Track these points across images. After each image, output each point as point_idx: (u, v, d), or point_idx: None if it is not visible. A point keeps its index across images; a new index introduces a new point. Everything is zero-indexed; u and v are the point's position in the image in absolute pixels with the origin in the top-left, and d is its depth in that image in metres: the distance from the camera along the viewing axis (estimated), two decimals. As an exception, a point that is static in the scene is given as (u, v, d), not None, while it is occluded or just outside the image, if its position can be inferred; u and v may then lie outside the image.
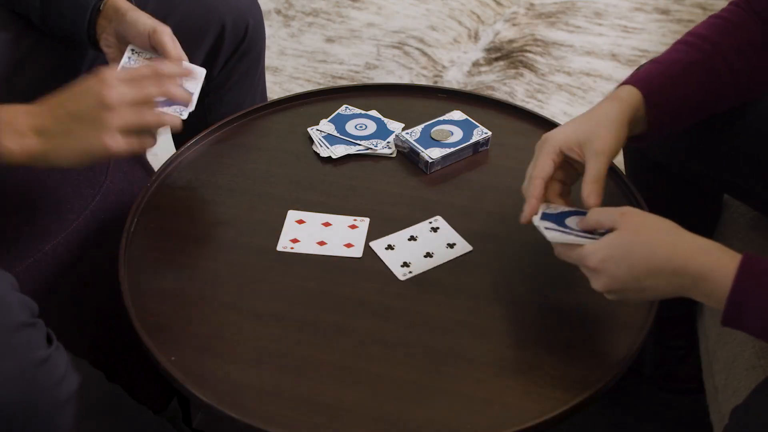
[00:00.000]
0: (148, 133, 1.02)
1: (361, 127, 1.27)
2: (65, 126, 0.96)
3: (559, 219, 0.97)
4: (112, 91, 0.96)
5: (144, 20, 1.11)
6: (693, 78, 1.05)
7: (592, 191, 0.96)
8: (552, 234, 0.94)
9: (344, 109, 1.31)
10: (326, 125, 1.28)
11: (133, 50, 1.12)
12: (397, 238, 1.10)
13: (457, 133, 1.24)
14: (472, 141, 1.23)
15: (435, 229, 1.12)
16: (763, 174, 1.16)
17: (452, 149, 1.22)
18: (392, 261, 1.07)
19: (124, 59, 1.12)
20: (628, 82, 1.04)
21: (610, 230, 0.91)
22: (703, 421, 1.27)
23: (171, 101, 1.06)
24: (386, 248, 1.09)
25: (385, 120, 1.29)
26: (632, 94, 1.02)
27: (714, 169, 1.20)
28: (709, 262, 0.84)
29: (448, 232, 1.12)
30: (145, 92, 0.99)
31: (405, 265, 1.07)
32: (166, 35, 1.09)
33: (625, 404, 1.52)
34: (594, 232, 0.93)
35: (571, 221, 0.96)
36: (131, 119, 0.98)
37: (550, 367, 0.96)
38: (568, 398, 0.92)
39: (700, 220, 1.33)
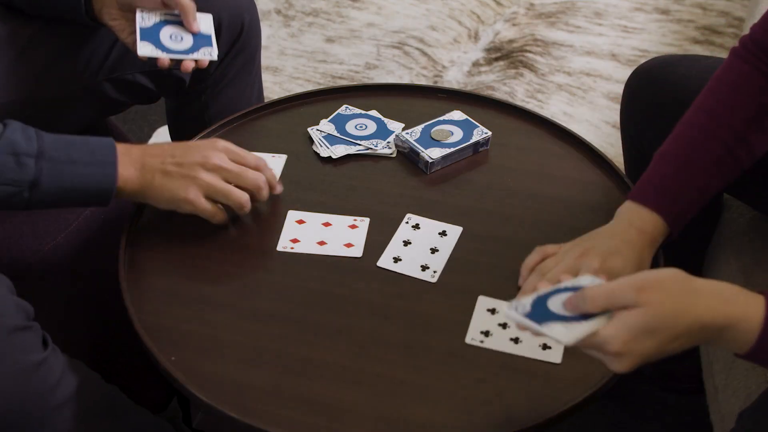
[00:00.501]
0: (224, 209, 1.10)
1: (361, 127, 1.27)
2: (165, 168, 1.05)
3: (540, 310, 0.82)
4: (216, 156, 1.07)
5: None
6: (713, 178, 1.05)
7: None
8: (560, 333, 0.79)
9: (344, 109, 1.31)
10: (326, 125, 1.28)
11: (141, 16, 1.17)
12: (395, 249, 1.10)
13: (457, 133, 1.24)
14: (472, 141, 1.23)
15: (416, 226, 1.12)
16: (763, 172, 1.16)
17: (452, 149, 1.22)
18: (411, 269, 1.07)
19: (138, 21, 1.16)
20: (654, 208, 1.02)
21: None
22: (703, 421, 1.27)
23: (197, 45, 1.18)
24: (394, 261, 1.08)
25: (385, 120, 1.29)
26: (657, 225, 1.02)
27: None
28: (736, 312, 0.80)
29: (430, 225, 1.13)
30: (241, 178, 1.08)
31: (425, 268, 1.07)
32: None
33: (625, 404, 1.52)
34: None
35: (555, 304, 0.83)
36: (216, 183, 1.06)
37: (550, 367, 0.96)
38: (568, 398, 0.92)
39: (700, 220, 1.33)
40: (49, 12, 1.20)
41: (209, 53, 1.18)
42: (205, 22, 1.21)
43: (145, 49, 1.15)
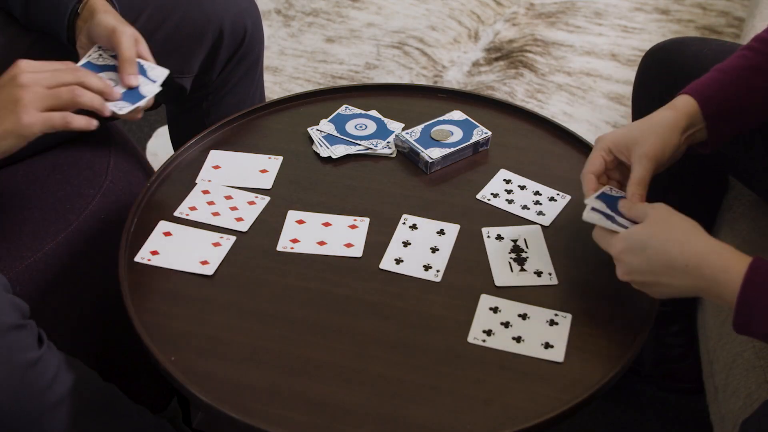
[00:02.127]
0: (82, 113, 1.02)
1: (361, 127, 1.27)
2: None
3: (613, 202, 1.01)
4: (25, 74, 0.98)
5: (108, 20, 1.11)
6: (752, 84, 1.06)
7: (635, 193, 1.00)
8: (590, 215, 0.99)
9: (344, 109, 1.31)
10: (326, 125, 1.28)
11: (99, 48, 1.13)
12: (396, 250, 1.10)
13: (457, 133, 1.24)
14: (472, 141, 1.23)
15: (413, 227, 1.12)
16: (765, 156, 1.16)
17: (452, 149, 1.22)
18: (414, 270, 1.07)
19: (88, 54, 1.12)
20: (686, 91, 1.06)
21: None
22: (703, 421, 1.27)
23: (124, 96, 1.08)
24: (396, 263, 1.08)
25: (385, 120, 1.29)
26: (688, 103, 1.04)
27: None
28: (720, 263, 0.87)
29: (427, 224, 1.13)
30: (59, 77, 1.00)
31: (428, 267, 1.07)
32: (125, 35, 1.09)
33: (625, 404, 1.52)
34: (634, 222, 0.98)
35: (624, 206, 1.00)
36: (45, 95, 0.98)
37: (550, 367, 0.96)
38: (568, 398, 0.92)
39: (705, 198, 1.34)
40: (41, 29, 1.20)
41: (119, 108, 1.07)
42: (156, 73, 1.12)
43: None
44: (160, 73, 1.12)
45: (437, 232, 1.12)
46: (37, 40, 1.23)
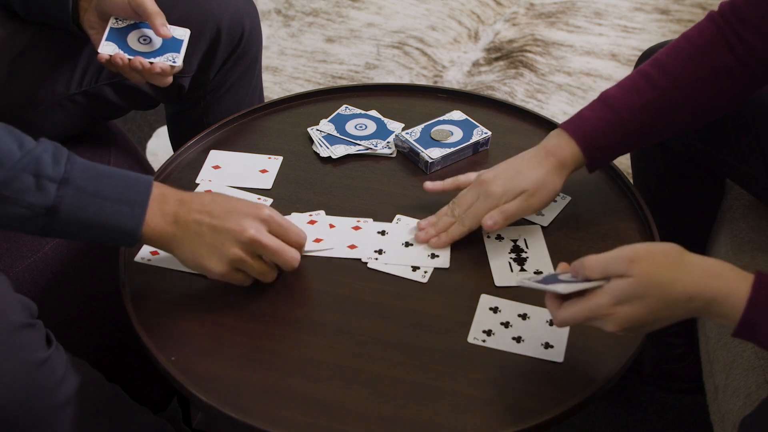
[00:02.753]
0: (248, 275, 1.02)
1: (361, 127, 1.27)
2: (200, 229, 0.97)
3: (550, 279, 0.92)
4: (254, 227, 0.98)
5: None
6: (643, 119, 1.07)
7: (494, 216, 1.06)
8: (562, 286, 0.88)
9: (344, 109, 1.31)
10: (326, 125, 1.28)
11: (116, 19, 1.15)
12: (397, 250, 1.10)
13: (457, 133, 1.24)
14: (472, 141, 1.23)
15: (406, 226, 1.13)
16: (764, 159, 1.16)
17: (452, 149, 1.22)
18: (403, 270, 1.07)
19: (111, 23, 1.15)
20: (571, 130, 1.08)
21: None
22: (703, 421, 1.27)
23: (164, 50, 1.15)
24: (385, 263, 1.08)
25: (385, 120, 1.29)
26: (574, 154, 1.08)
27: (715, 148, 1.21)
28: (722, 286, 0.84)
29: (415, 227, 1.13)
30: (278, 252, 1.00)
31: (427, 268, 1.07)
32: None
33: (625, 404, 1.52)
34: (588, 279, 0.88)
35: (564, 276, 0.91)
36: (245, 260, 0.98)
37: (550, 367, 0.96)
38: (568, 398, 0.92)
39: (702, 201, 1.34)
40: (42, 20, 1.20)
41: (173, 59, 1.15)
42: (179, 32, 1.18)
43: (107, 48, 1.13)
44: (182, 32, 1.18)
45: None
46: (37, 35, 1.23)
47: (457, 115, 1.28)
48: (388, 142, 1.25)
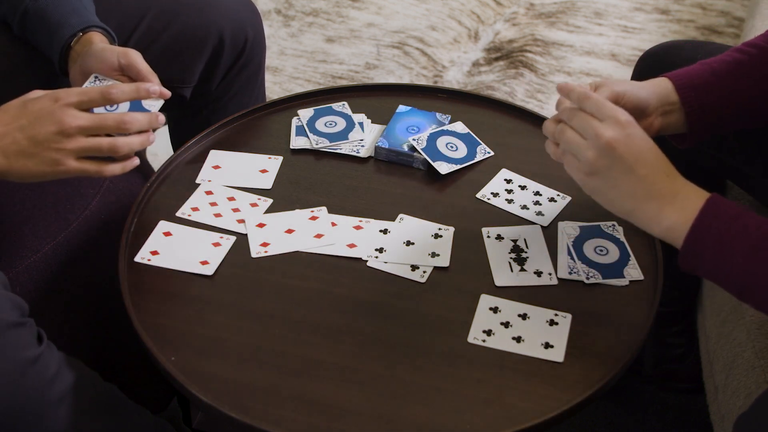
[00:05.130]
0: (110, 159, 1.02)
1: (330, 124, 1.27)
2: (26, 149, 0.97)
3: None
4: (68, 116, 0.98)
5: (112, 46, 1.12)
6: (735, 81, 1.06)
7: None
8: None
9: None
10: (307, 113, 1.28)
11: (96, 77, 1.11)
12: (394, 252, 1.10)
13: (461, 148, 1.23)
14: (476, 160, 1.23)
15: (407, 226, 1.12)
16: (764, 160, 1.16)
17: (459, 166, 1.21)
18: (402, 270, 1.07)
19: (86, 84, 1.11)
20: (664, 75, 1.07)
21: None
22: (703, 421, 1.27)
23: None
24: (385, 262, 1.08)
25: (354, 116, 1.29)
26: (662, 81, 1.06)
27: (715, 148, 1.21)
28: (683, 188, 0.89)
29: (423, 225, 1.13)
30: (102, 123, 1.00)
31: (427, 267, 1.07)
32: (137, 53, 1.10)
33: (625, 404, 1.52)
34: None
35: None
36: (84, 145, 0.98)
37: (550, 367, 0.96)
38: (568, 398, 0.92)
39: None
40: (35, 48, 1.20)
41: (153, 107, 1.11)
42: (152, 105, 1.12)
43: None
44: (156, 103, 1.12)
45: (432, 236, 1.11)
46: (34, 49, 1.22)
47: (459, 127, 1.27)
48: (361, 140, 1.25)
